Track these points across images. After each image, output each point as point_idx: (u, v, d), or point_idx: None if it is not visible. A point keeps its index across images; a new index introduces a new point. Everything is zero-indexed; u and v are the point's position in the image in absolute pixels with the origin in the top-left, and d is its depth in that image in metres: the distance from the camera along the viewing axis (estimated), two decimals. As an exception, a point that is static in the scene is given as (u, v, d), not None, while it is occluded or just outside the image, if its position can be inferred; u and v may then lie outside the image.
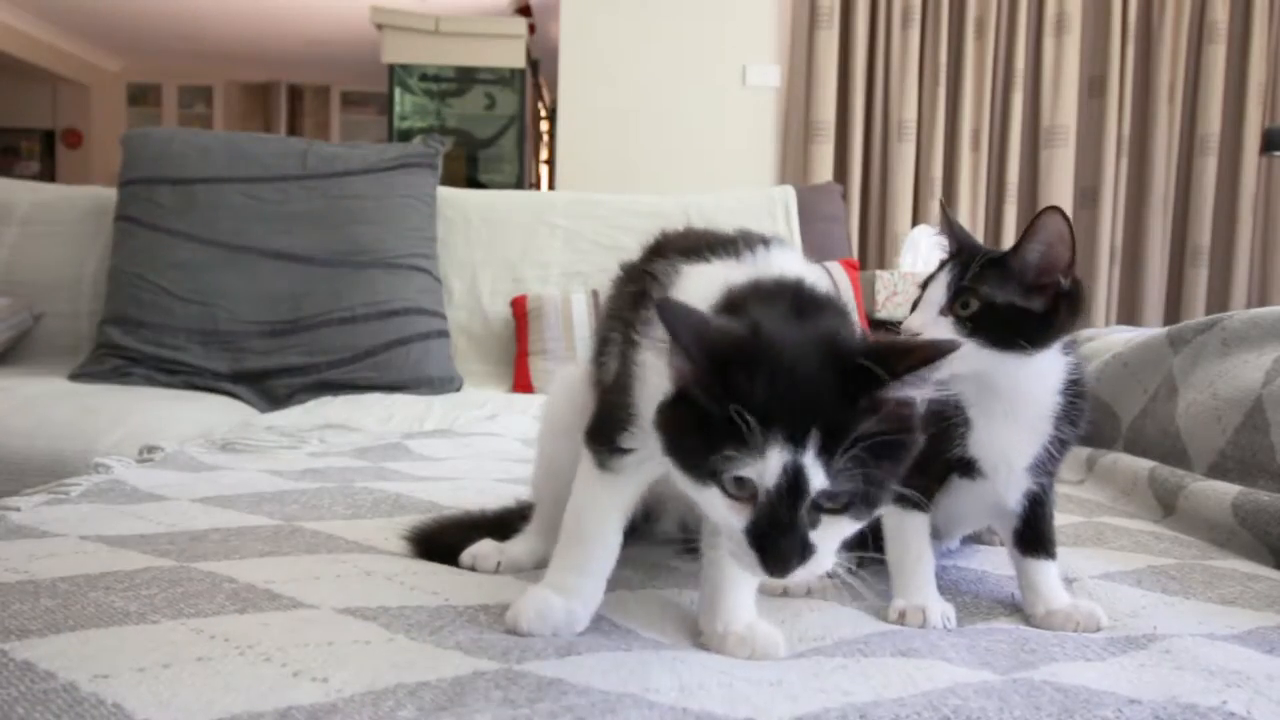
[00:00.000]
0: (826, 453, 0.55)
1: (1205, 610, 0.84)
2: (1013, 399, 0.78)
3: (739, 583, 0.74)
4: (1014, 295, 0.76)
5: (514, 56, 5.05)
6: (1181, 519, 1.17)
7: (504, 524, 0.99)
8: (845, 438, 0.55)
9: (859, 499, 0.57)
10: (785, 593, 0.87)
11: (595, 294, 2.39)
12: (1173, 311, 3.64)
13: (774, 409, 0.54)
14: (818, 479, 0.55)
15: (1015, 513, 0.82)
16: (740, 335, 0.56)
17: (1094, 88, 3.57)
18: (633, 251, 0.83)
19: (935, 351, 0.55)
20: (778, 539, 0.57)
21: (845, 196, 3.25)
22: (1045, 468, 0.80)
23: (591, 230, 2.59)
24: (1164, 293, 3.63)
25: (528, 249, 2.54)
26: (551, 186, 5.76)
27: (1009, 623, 0.81)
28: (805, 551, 0.57)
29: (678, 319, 0.55)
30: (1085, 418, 0.82)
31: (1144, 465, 1.30)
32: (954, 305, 0.77)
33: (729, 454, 0.55)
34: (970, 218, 3.51)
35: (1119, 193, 3.57)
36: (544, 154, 6.58)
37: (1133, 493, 1.29)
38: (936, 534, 0.87)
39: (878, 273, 2.83)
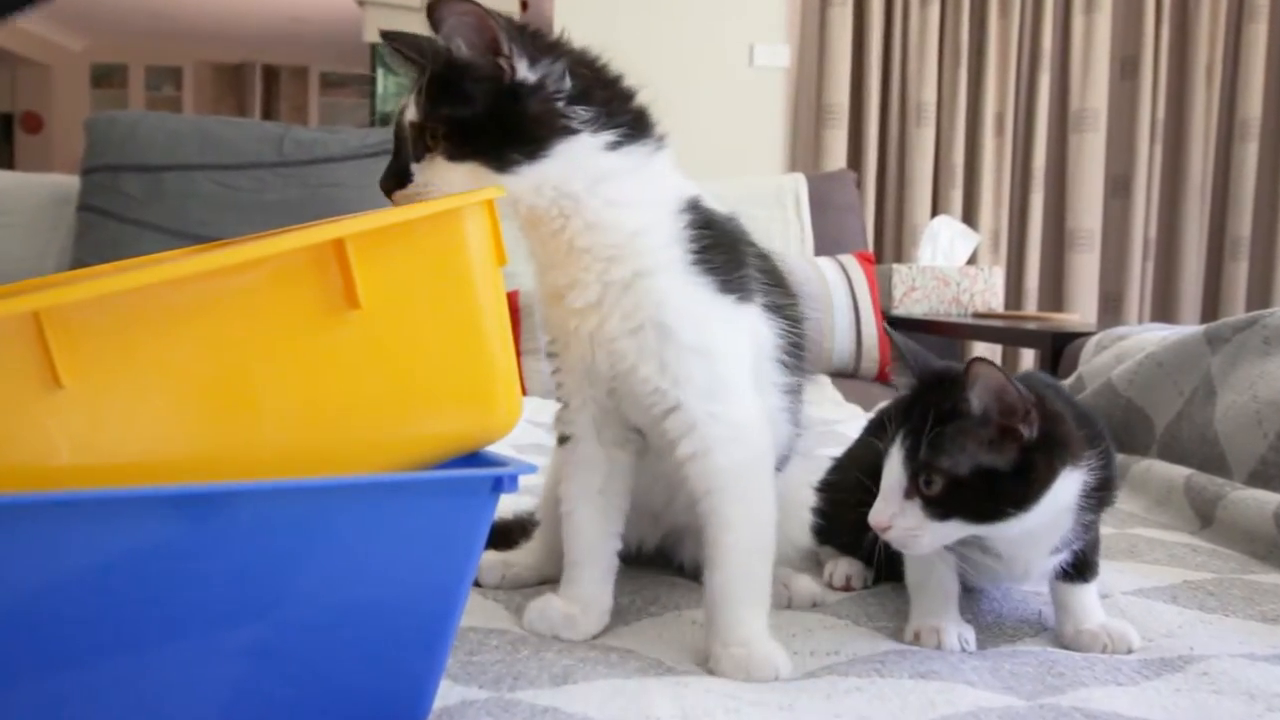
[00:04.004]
0: (420, 92, 0.74)
1: (1245, 629, 0.84)
2: (1022, 532, 0.75)
3: (738, 598, 0.75)
4: (979, 455, 0.71)
5: (505, 35, 5.05)
6: (1220, 530, 1.17)
7: (504, 533, 0.99)
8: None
9: (448, 135, 0.72)
10: (789, 605, 0.88)
11: (592, 289, 2.39)
12: (1210, 308, 3.63)
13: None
14: (410, 112, 0.75)
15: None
16: None
17: (1126, 69, 3.57)
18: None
19: None
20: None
21: (860, 185, 3.25)
22: (1070, 544, 0.79)
23: (588, 221, 2.59)
24: (1201, 288, 3.63)
25: (521, 242, 2.53)
26: (545, 174, 5.71)
27: (1035, 644, 0.81)
28: (403, 177, 0.74)
29: None
30: (1110, 504, 0.81)
31: (1179, 473, 1.30)
32: (917, 484, 0.73)
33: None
34: (994, 207, 3.50)
35: (1153, 181, 3.56)
36: (537, 139, 6.57)
37: (1167, 502, 1.29)
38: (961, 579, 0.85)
39: (894, 266, 2.82)
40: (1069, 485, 0.74)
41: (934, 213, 3.39)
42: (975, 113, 3.50)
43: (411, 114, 0.75)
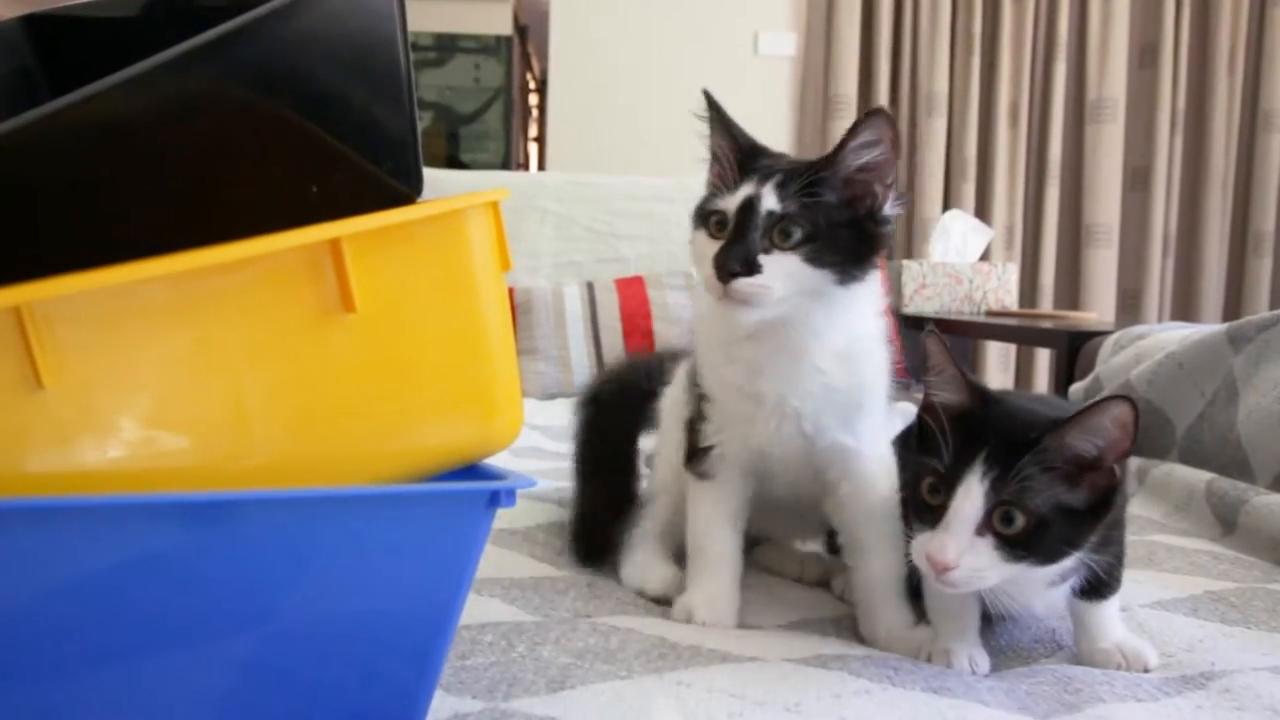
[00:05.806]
0: (782, 189, 0.77)
1: (1269, 641, 0.84)
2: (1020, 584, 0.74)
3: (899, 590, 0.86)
4: (1062, 493, 0.68)
5: (500, 22, 5.05)
6: (1243, 537, 1.17)
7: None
8: (801, 181, 0.77)
9: (809, 239, 0.76)
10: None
11: (590, 287, 2.39)
12: (1232, 306, 3.63)
13: (750, 166, 0.81)
14: (769, 202, 0.77)
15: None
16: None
17: (1145, 57, 3.57)
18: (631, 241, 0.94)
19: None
20: (727, 249, 0.76)
21: (868, 178, 3.24)
22: (1068, 578, 0.78)
23: (586, 216, 2.59)
24: (1223, 285, 3.63)
25: (515, 236, 2.54)
26: (541, 167, 5.74)
27: (1051, 662, 0.81)
28: (750, 266, 0.75)
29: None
30: (1115, 544, 0.79)
31: (1201, 477, 1.30)
32: (991, 520, 0.68)
33: (715, 193, 0.81)
34: (1008, 201, 3.50)
35: (1173, 173, 3.56)
36: (533, 131, 6.58)
37: (1188, 508, 1.29)
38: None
39: (905, 263, 2.82)
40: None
41: (945, 207, 3.39)
42: (988, 103, 3.50)
43: (772, 203, 0.77)
